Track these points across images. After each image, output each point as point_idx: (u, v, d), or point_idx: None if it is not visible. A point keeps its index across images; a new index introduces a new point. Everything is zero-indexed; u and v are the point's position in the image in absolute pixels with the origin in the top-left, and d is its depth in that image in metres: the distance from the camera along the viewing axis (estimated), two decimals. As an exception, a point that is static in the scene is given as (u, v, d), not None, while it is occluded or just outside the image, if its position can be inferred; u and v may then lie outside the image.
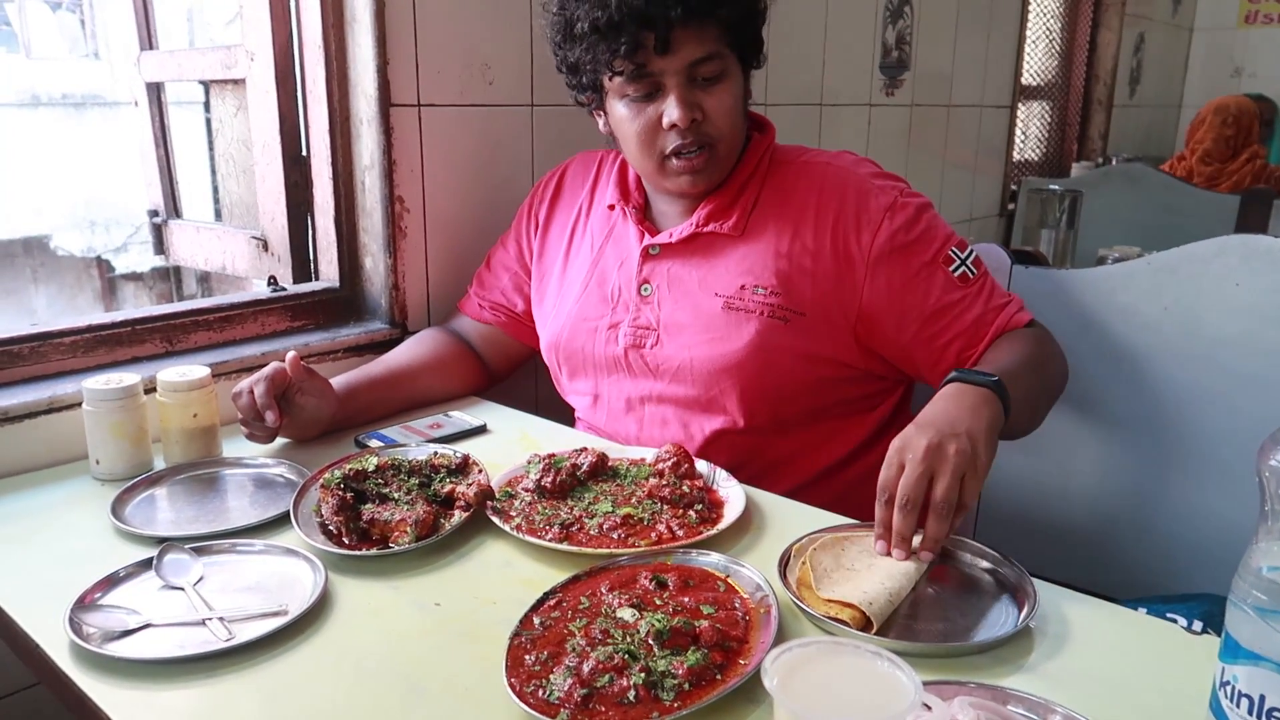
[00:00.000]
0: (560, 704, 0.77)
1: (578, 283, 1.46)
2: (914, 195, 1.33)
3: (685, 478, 1.17)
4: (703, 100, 1.27)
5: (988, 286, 1.31)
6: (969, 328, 1.28)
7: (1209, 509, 1.47)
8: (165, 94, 2.07)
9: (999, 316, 1.29)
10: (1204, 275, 1.45)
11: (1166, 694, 0.82)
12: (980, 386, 1.09)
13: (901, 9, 2.83)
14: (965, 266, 1.30)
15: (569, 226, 1.51)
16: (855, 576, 0.96)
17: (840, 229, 1.29)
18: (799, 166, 1.36)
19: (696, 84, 1.27)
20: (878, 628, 0.89)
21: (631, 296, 1.39)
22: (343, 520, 1.06)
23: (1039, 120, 4.51)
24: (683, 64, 1.24)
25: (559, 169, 1.58)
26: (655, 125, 1.28)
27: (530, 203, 1.58)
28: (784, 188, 1.35)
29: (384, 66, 1.56)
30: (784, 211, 1.33)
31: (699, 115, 1.27)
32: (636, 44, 1.22)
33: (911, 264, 1.28)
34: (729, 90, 1.29)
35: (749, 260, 1.32)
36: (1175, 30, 5.69)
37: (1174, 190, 3.57)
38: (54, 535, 1.11)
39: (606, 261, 1.43)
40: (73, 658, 0.86)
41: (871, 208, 1.29)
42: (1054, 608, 0.94)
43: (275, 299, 1.61)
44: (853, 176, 1.32)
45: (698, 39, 1.24)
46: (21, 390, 1.31)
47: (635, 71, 1.26)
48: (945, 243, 1.30)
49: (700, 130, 1.28)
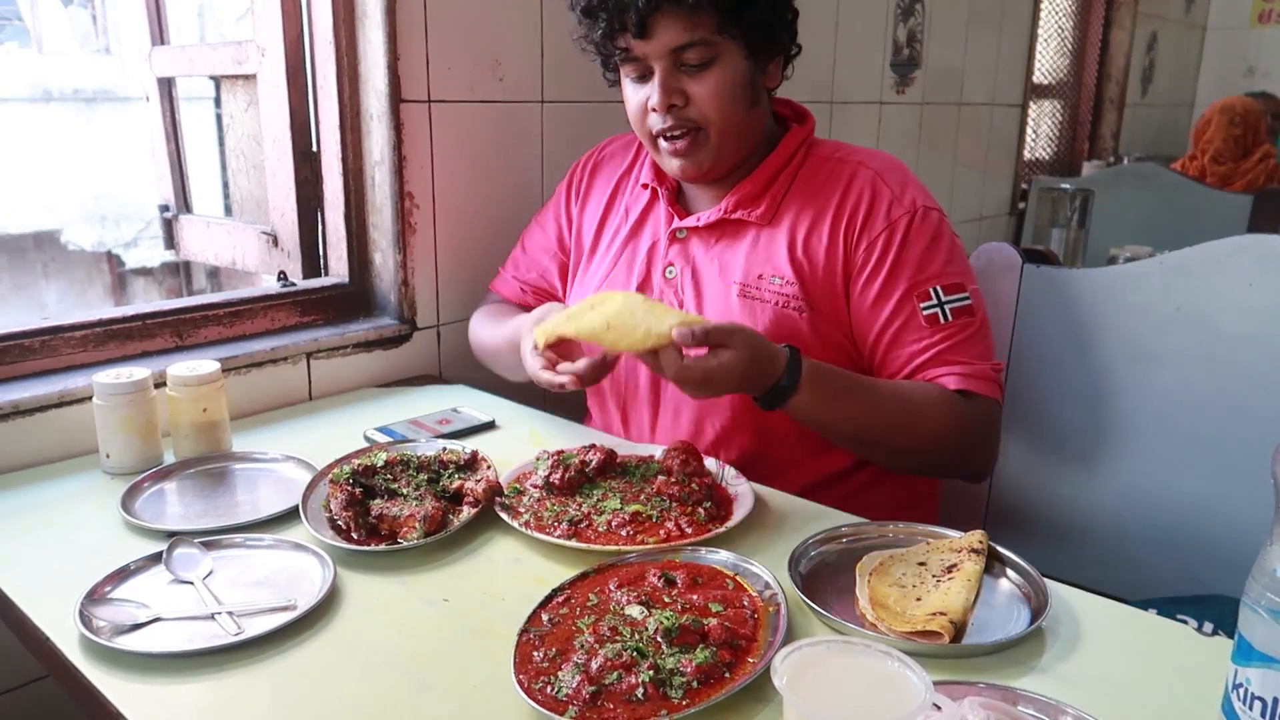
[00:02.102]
0: (568, 701, 0.77)
1: (607, 261, 1.47)
2: (931, 217, 1.29)
3: (694, 475, 1.17)
4: (687, 85, 1.27)
5: (957, 338, 1.26)
6: (901, 361, 1.27)
7: (1221, 510, 1.46)
8: (176, 89, 2.07)
9: (936, 369, 1.25)
10: (1217, 275, 1.44)
11: (1178, 696, 0.81)
12: (780, 380, 1.14)
13: (913, 7, 2.82)
14: (940, 308, 1.26)
15: (603, 204, 1.51)
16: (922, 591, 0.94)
17: (850, 225, 1.29)
18: (834, 162, 1.35)
19: (682, 69, 1.27)
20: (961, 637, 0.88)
21: (657, 278, 1.40)
22: (351, 515, 1.06)
23: (1050, 119, 4.50)
24: (664, 49, 1.25)
25: (598, 148, 1.58)
26: (644, 106, 1.30)
27: (570, 182, 1.58)
28: (814, 182, 1.34)
29: (394, 62, 1.56)
30: (809, 203, 1.33)
31: (678, 101, 1.27)
32: (614, 27, 1.25)
33: (889, 284, 1.27)
34: (718, 77, 1.27)
35: (768, 249, 1.33)
36: (1188, 29, 5.66)
37: (1186, 190, 3.55)
38: (64, 528, 1.11)
39: (637, 241, 1.44)
40: (82, 651, 0.87)
41: (880, 212, 1.28)
42: (1065, 609, 0.94)
43: (285, 294, 1.61)
44: (877, 180, 1.31)
45: (680, 24, 1.23)
46: (32, 384, 1.32)
47: (624, 54, 1.28)
48: (933, 278, 1.26)
49: (681, 115, 1.28)
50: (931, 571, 0.97)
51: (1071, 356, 1.58)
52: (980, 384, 1.25)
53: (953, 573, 0.96)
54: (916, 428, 1.24)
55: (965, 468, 1.33)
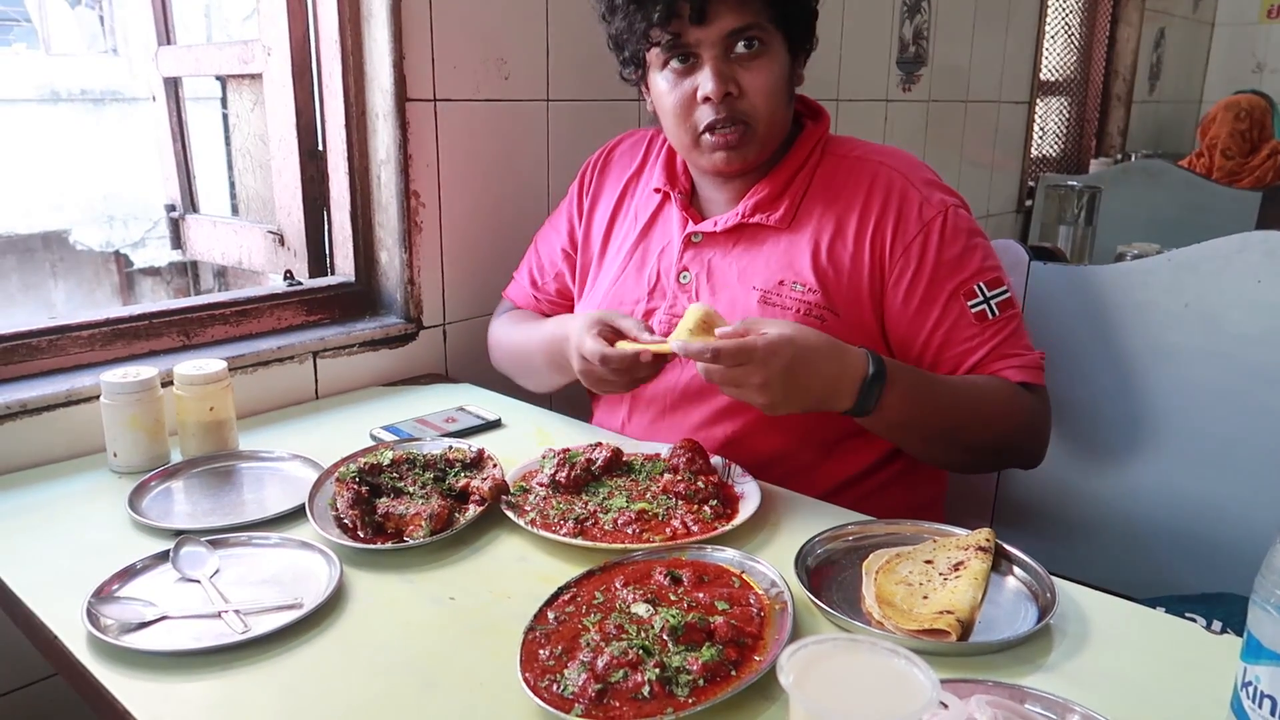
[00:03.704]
0: (574, 699, 0.77)
1: (616, 264, 1.44)
2: (961, 214, 1.29)
3: (700, 473, 1.16)
4: (740, 75, 1.24)
5: (1006, 331, 1.26)
6: (963, 365, 1.26)
7: (1230, 508, 1.45)
8: (183, 89, 2.08)
9: (996, 364, 1.25)
10: (1225, 272, 1.43)
11: (1186, 694, 0.81)
12: (868, 379, 1.12)
13: (919, 4, 2.81)
14: (988, 304, 1.26)
15: (612, 206, 1.48)
16: (929, 589, 0.94)
17: (879, 231, 1.27)
18: (852, 161, 1.33)
19: (734, 58, 1.24)
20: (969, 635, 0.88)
21: (670, 284, 1.37)
22: (358, 514, 1.06)
23: (1057, 116, 4.48)
24: (719, 34, 1.22)
25: (609, 147, 1.55)
26: (690, 99, 1.26)
27: (581, 182, 1.54)
28: (834, 182, 1.32)
29: (400, 61, 1.56)
30: (831, 207, 1.30)
31: (734, 90, 1.24)
32: (671, 12, 1.21)
33: (933, 287, 1.25)
34: (768, 68, 1.25)
35: (790, 255, 1.30)
36: (1196, 25, 5.63)
37: (1194, 187, 3.54)
38: (71, 527, 1.11)
39: (647, 245, 1.41)
40: (90, 649, 0.87)
41: (911, 216, 1.26)
42: (1073, 607, 0.93)
43: (291, 293, 1.62)
44: (902, 180, 1.29)
45: (737, 9, 1.21)
46: (40, 383, 1.32)
47: (671, 41, 1.24)
48: (975, 275, 1.26)
49: (734, 106, 1.25)
50: (938, 569, 0.97)
51: (1079, 354, 1.57)
52: (1036, 374, 1.27)
53: (959, 570, 0.96)
54: (994, 421, 1.24)
55: (1029, 457, 1.32)
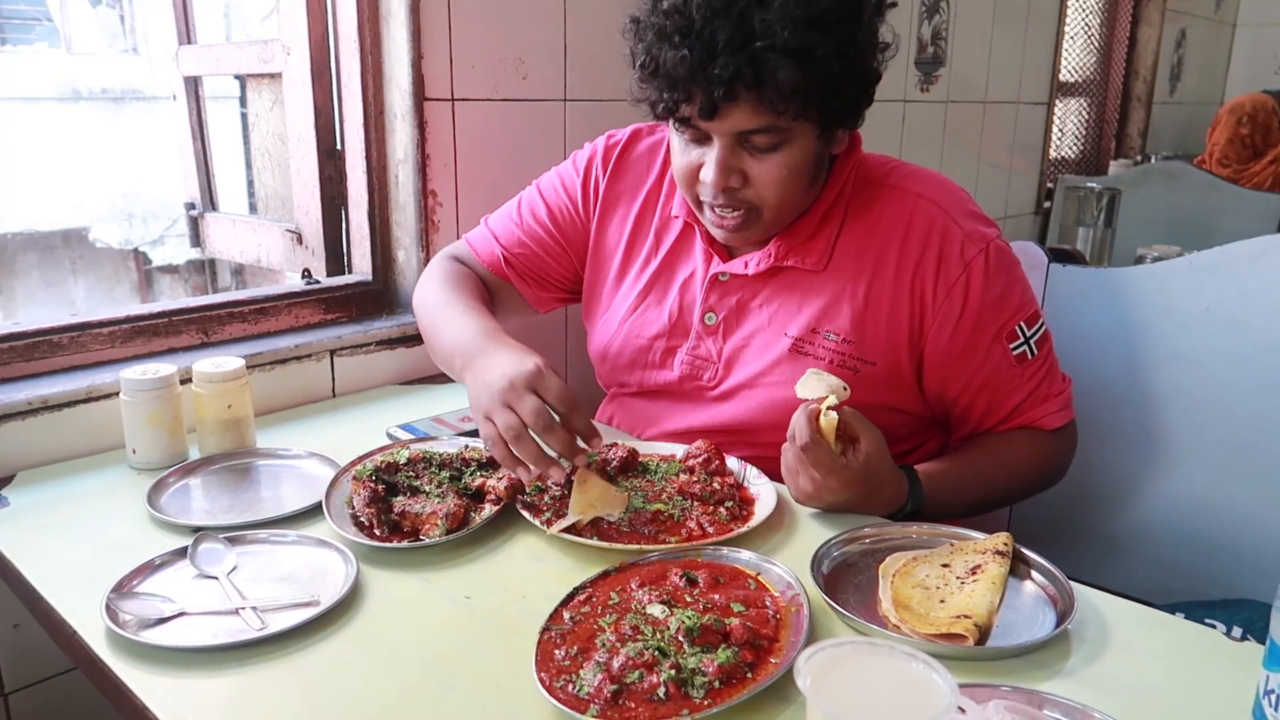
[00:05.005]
0: (590, 699, 0.77)
1: (635, 292, 1.36)
2: (1001, 248, 1.23)
3: (716, 474, 1.16)
4: (749, 166, 1.15)
5: (1042, 371, 1.25)
6: (1002, 411, 1.26)
7: (1251, 514, 1.44)
8: (203, 88, 2.09)
9: (1034, 410, 1.26)
10: (1247, 275, 1.42)
11: (1207, 702, 0.80)
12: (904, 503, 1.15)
13: (937, 4, 2.80)
14: (1028, 345, 1.23)
15: (630, 219, 1.39)
16: (946, 593, 0.94)
17: (920, 275, 1.20)
18: (886, 191, 1.25)
19: (746, 148, 1.15)
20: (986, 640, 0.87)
21: (694, 322, 1.30)
22: (374, 512, 1.06)
23: (1076, 117, 4.45)
24: (730, 129, 1.12)
25: (619, 143, 1.42)
26: (696, 170, 1.18)
27: (586, 176, 1.42)
28: (869, 218, 1.24)
29: (418, 61, 1.56)
30: (867, 247, 1.23)
31: (736, 183, 1.16)
32: (679, 103, 1.12)
33: (976, 333, 1.21)
34: (783, 160, 1.15)
35: (824, 300, 1.23)
36: (1218, 26, 5.59)
37: (1215, 189, 3.51)
38: (91, 523, 1.12)
39: (670, 277, 1.34)
40: (109, 644, 0.88)
41: (953, 257, 1.20)
42: (1091, 612, 0.93)
43: (309, 292, 1.62)
44: (942, 216, 1.21)
45: (751, 109, 1.10)
46: (61, 379, 1.33)
47: (683, 124, 1.16)
48: (1015, 315, 1.22)
49: (737, 196, 1.17)
50: (956, 573, 0.96)
51: (1098, 357, 1.56)
52: (1068, 412, 1.29)
53: (977, 574, 0.95)
54: (1027, 481, 1.30)
55: (1052, 486, 1.35)
